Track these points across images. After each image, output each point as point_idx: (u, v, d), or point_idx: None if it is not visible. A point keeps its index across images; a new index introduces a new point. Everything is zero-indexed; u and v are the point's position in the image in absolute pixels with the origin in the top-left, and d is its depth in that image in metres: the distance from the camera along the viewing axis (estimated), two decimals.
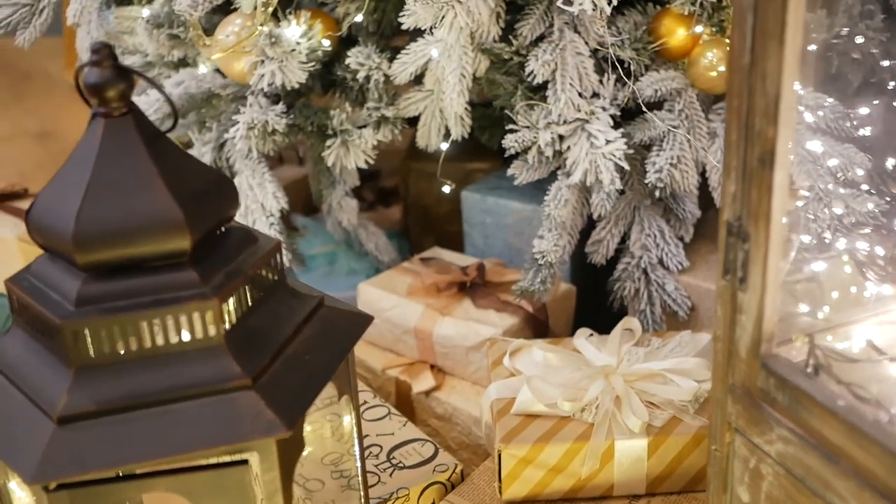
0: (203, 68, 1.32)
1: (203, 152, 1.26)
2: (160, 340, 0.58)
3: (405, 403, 1.16)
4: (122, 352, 0.57)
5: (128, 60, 1.38)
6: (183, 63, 1.35)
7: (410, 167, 1.58)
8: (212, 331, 0.59)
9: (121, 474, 0.58)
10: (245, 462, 0.59)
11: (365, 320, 0.69)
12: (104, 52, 0.58)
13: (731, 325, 0.60)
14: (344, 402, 0.73)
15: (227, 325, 0.60)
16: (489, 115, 1.30)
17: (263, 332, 0.62)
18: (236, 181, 1.24)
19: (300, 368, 0.62)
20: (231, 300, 0.60)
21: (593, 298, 1.23)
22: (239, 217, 1.25)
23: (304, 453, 1.03)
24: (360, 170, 1.95)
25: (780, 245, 0.56)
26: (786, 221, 0.77)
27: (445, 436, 1.13)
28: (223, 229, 0.64)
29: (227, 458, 0.60)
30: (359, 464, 0.75)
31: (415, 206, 1.60)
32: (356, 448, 0.74)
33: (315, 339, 0.65)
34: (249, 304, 0.62)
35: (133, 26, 1.33)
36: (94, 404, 0.56)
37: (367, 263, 1.41)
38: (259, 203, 1.22)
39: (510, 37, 1.12)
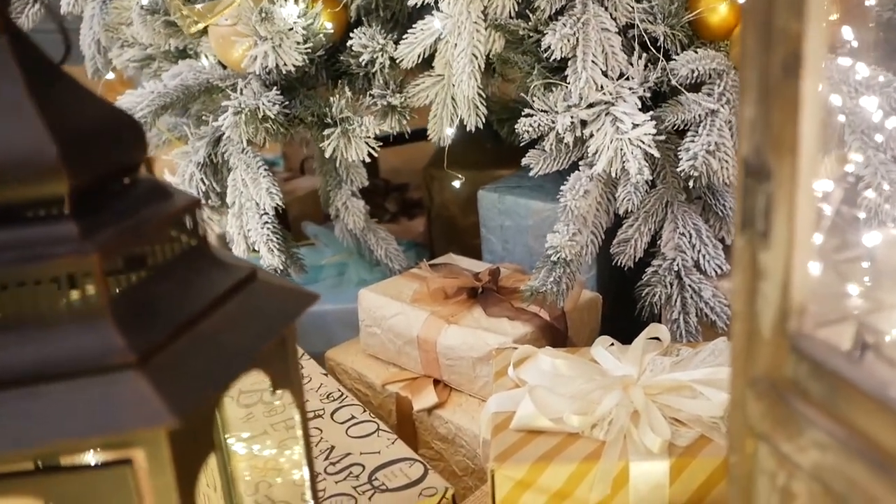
0: (204, 60, 1.23)
1: (198, 147, 1.16)
2: (26, 306, 0.47)
3: (406, 423, 1.03)
4: None
5: (127, 53, 1.29)
6: (183, 54, 1.26)
7: (433, 175, 1.46)
8: (91, 296, 0.47)
9: None
10: (128, 462, 0.47)
11: (307, 299, 0.57)
12: None
13: (750, 295, 0.46)
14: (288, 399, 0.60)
15: (115, 291, 0.48)
16: (508, 106, 1.18)
17: (165, 303, 0.50)
18: (231, 178, 1.14)
19: (210, 349, 0.50)
20: (120, 260, 0.48)
21: (624, 310, 1.09)
22: (232, 215, 1.14)
23: (300, 477, 0.92)
24: (385, 182, 1.86)
25: (810, 183, 0.42)
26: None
27: (449, 459, 0.99)
28: (128, 181, 0.53)
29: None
30: (307, 474, 0.62)
31: (439, 217, 1.49)
32: (303, 453, 0.61)
33: (238, 317, 0.53)
34: (150, 268, 0.51)
35: (130, 16, 1.24)
36: None
37: (378, 274, 1.29)
38: (253, 201, 1.11)
39: (527, 11, 1.01)
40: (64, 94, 0.50)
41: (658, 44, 0.99)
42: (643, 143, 0.93)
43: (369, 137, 1.06)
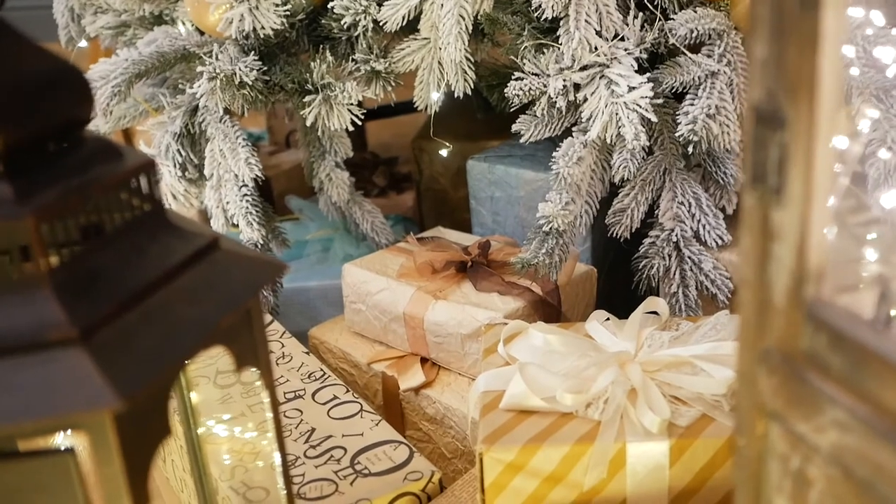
0: (181, 27, 1.17)
1: (174, 117, 1.11)
2: None
3: (393, 404, 0.98)
4: None
5: (101, 20, 1.24)
6: (159, 20, 1.20)
7: (422, 147, 1.41)
8: (28, 264, 0.42)
9: None
10: (70, 449, 0.42)
11: (274, 269, 0.52)
12: None
13: (762, 259, 0.41)
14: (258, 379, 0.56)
15: (55, 259, 0.43)
16: (498, 71, 1.13)
17: (113, 273, 0.45)
18: (209, 148, 1.09)
19: (163, 323, 0.45)
20: (61, 226, 0.44)
21: (620, 283, 1.05)
22: (210, 188, 1.09)
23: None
24: (374, 156, 1.80)
25: (830, 131, 0.37)
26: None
27: (438, 441, 0.95)
28: (72, 139, 0.48)
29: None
30: (278, 459, 0.58)
31: (428, 190, 1.44)
32: (273, 436, 0.57)
33: (196, 288, 0.48)
34: (96, 234, 0.46)
35: None
36: None
37: (364, 249, 1.24)
38: (232, 172, 1.06)
39: None
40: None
41: (655, 2, 0.94)
42: (640, 107, 0.88)
43: (352, 104, 1.01)
